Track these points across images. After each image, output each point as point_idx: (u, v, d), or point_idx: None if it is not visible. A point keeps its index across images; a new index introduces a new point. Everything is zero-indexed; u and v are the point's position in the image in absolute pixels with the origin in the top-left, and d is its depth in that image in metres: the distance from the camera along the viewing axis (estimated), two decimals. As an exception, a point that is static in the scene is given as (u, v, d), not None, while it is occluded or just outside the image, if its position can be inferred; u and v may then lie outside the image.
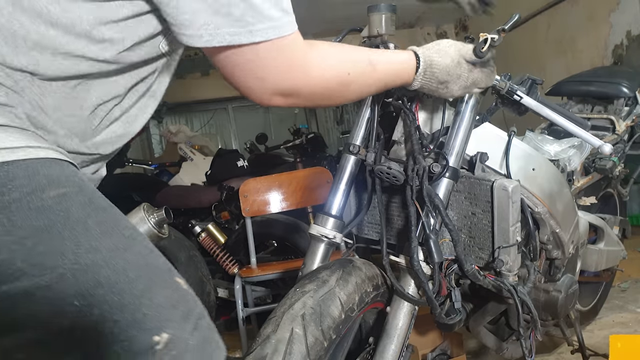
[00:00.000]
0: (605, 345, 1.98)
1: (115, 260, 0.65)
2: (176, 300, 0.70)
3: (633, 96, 2.18)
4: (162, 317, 0.67)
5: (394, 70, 1.02)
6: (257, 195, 2.62)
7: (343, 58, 0.91)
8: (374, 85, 1.00)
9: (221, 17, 0.72)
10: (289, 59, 0.80)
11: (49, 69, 0.71)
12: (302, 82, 0.84)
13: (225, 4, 0.71)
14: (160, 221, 2.13)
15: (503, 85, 1.15)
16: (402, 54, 1.04)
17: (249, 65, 0.77)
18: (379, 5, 1.23)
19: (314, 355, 0.94)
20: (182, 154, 4.27)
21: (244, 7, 0.72)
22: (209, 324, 0.75)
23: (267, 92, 0.81)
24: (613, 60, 4.35)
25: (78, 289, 0.62)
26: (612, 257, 2.02)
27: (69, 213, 0.65)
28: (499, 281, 1.19)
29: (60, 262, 0.62)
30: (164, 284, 0.70)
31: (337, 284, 1.06)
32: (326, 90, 0.88)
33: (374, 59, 0.97)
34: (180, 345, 0.68)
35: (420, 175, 1.12)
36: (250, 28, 0.73)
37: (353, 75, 0.91)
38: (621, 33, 4.24)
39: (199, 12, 0.71)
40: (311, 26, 6.71)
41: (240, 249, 2.88)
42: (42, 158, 0.67)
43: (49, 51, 0.70)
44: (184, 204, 3.07)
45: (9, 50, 0.68)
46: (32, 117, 0.71)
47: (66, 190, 0.66)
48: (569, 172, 1.65)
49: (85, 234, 0.65)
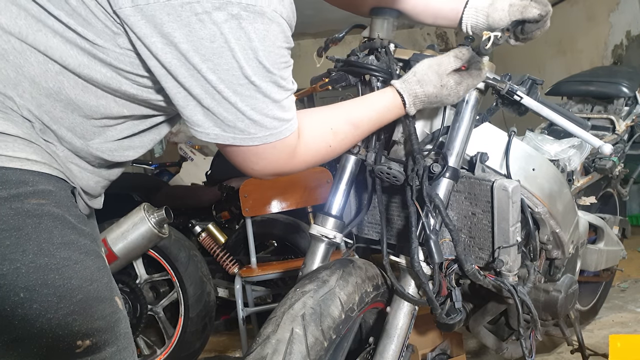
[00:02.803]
0: (604, 344, 1.99)
1: (65, 268, 0.75)
2: (108, 314, 0.80)
3: (633, 96, 2.18)
4: (89, 325, 0.76)
5: (379, 117, 1.06)
6: (257, 195, 2.62)
7: (324, 134, 1.00)
8: (362, 136, 1.08)
9: (228, 127, 0.85)
10: (280, 156, 0.92)
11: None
12: (289, 168, 0.96)
13: (232, 120, 0.84)
14: (161, 221, 2.14)
15: (503, 86, 1.15)
16: (385, 97, 1.06)
17: (246, 159, 0.91)
18: (384, 10, 1.23)
19: (314, 355, 0.95)
20: (182, 154, 4.27)
21: (249, 122, 0.84)
22: (129, 345, 0.84)
23: (260, 175, 0.96)
24: (613, 60, 4.35)
25: (27, 283, 0.71)
26: (612, 257, 2.03)
27: (41, 220, 0.74)
28: (499, 281, 1.19)
29: (20, 257, 0.72)
30: (101, 299, 0.79)
31: (337, 284, 1.06)
32: (311, 165, 1.01)
33: (354, 118, 1.03)
34: (97, 354, 0.78)
35: (420, 175, 1.12)
36: (252, 136, 0.86)
37: (335, 144, 1.01)
38: (621, 33, 4.24)
39: (207, 121, 0.84)
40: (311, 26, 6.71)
41: (240, 249, 2.89)
42: (35, 171, 0.76)
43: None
44: (184, 204, 3.07)
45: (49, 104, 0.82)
46: (45, 129, 0.82)
47: (45, 202, 0.76)
48: (569, 172, 1.65)
49: (48, 240, 0.74)
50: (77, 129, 0.84)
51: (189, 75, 0.79)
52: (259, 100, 0.83)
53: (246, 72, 0.81)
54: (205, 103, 0.82)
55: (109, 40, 0.79)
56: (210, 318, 2.46)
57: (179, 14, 0.75)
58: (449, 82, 1.04)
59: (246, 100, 0.83)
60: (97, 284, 0.79)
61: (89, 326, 0.76)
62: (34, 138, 0.79)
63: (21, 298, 0.71)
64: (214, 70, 0.79)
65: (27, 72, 0.77)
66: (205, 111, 0.83)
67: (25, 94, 0.78)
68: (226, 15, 0.77)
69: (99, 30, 0.78)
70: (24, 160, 0.75)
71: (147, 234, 2.08)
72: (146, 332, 2.52)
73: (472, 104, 1.18)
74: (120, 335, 0.81)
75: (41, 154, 0.78)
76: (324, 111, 1.03)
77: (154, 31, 0.76)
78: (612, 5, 4.28)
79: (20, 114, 0.78)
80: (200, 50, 0.78)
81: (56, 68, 0.79)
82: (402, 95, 1.05)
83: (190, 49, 0.77)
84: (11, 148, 0.74)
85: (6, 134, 0.75)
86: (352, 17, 1.34)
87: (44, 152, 0.79)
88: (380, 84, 1.21)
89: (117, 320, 0.81)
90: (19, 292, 0.71)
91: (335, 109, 1.04)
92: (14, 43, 0.76)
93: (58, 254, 0.74)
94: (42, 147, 0.80)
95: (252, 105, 0.83)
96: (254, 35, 0.79)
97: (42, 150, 0.79)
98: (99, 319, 0.78)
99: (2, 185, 0.72)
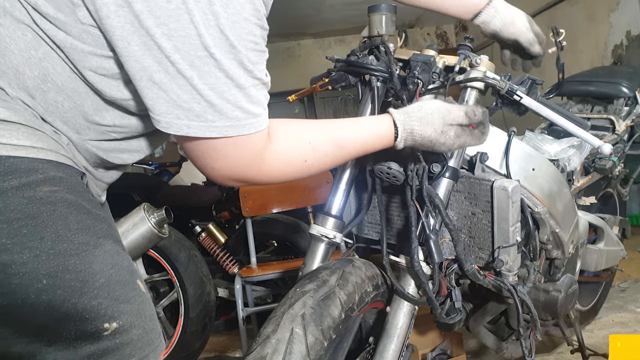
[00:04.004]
0: (604, 345, 1.99)
1: (84, 253, 0.74)
2: (131, 297, 0.79)
3: (633, 96, 2.18)
4: (115, 308, 0.76)
5: (366, 143, 0.98)
6: (257, 195, 2.62)
7: (300, 146, 0.90)
8: (346, 158, 0.99)
9: (182, 110, 0.74)
10: (243, 157, 0.81)
11: None
12: (254, 176, 0.86)
13: (186, 100, 0.74)
14: (161, 221, 2.14)
15: (503, 86, 1.15)
16: (377, 124, 0.99)
17: (205, 154, 0.81)
18: (380, 6, 1.23)
19: (314, 355, 0.95)
20: (182, 154, 4.27)
21: (205, 105, 0.74)
22: (155, 327, 0.84)
23: (221, 179, 0.85)
24: (613, 60, 4.35)
25: (49, 270, 0.71)
26: (612, 257, 2.03)
27: (55, 207, 0.73)
28: (498, 281, 1.19)
29: (39, 244, 0.71)
30: (124, 282, 0.78)
31: (337, 284, 1.06)
32: (281, 178, 0.90)
33: (339, 138, 0.94)
34: (124, 336, 0.77)
35: (420, 175, 1.12)
36: (209, 124, 0.76)
37: (312, 161, 0.91)
38: (621, 33, 4.25)
39: (159, 100, 0.74)
40: (311, 26, 6.72)
41: (241, 249, 2.89)
42: (42, 159, 0.75)
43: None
44: (184, 204, 3.07)
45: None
46: (46, 118, 0.79)
47: (57, 189, 0.74)
48: (568, 172, 1.65)
49: (65, 227, 0.73)
50: (70, 122, 0.81)
51: (141, 43, 0.70)
52: (219, 80, 0.73)
53: (205, 40, 0.71)
54: (157, 77, 0.72)
55: (69, 14, 0.73)
56: (210, 318, 2.46)
57: None
58: (449, 132, 0.99)
59: (204, 76, 0.72)
60: (118, 267, 0.78)
61: (114, 309, 0.76)
62: (38, 125, 0.77)
63: (44, 285, 0.71)
64: (168, 37, 0.70)
65: (10, 62, 0.74)
66: (156, 89, 0.73)
67: (13, 84, 0.75)
68: None
69: (59, 3, 0.72)
70: (29, 148, 0.73)
71: (147, 234, 2.08)
72: (146, 332, 2.52)
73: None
74: (146, 317, 0.81)
75: (47, 141, 0.77)
76: (305, 123, 0.94)
77: None
78: (612, 5, 4.28)
79: (17, 102, 0.76)
80: (155, 11, 0.69)
81: (39, 54, 0.75)
82: (396, 127, 0.98)
83: (144, 9, 0.68)
84: (15, 136, 0.73)
85: (8, 122, 0.73)
86: (351, 18, 1.34)
87: (49, 139, 0.77)
88: (380, 84, 1.21)
89: (142, 302, 0.81)
90: (41, 279, 0.70)
91: (319, 123, 0.95)
92: None
93: (76, 239, 0.74)
94: (47, 133, 0.78)
95: (211, 85, 0.73)
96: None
97: (47, 137, 0.77)
98: (124, 301, 0.77)
99: (12, 174, 0.71)
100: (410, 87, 1.15)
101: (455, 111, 1.01)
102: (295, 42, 7.37)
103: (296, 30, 6.81)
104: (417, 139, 0.99)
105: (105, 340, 0.76)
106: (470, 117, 1.01)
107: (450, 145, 1.01)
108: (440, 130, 0.99)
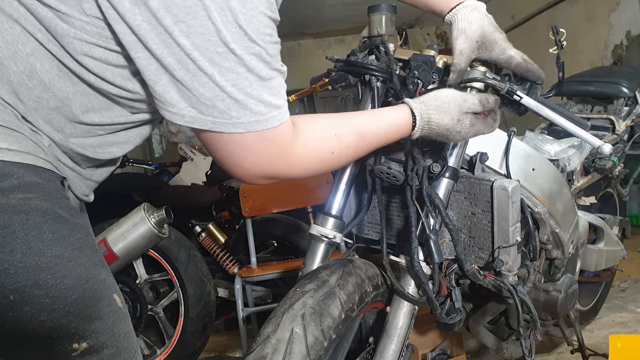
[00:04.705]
0: (604, 345, 1.99)
1: (57, 267, 0.69)
2: (105, 314, 0.74)
3: (633, 96, 2.19)
4: (85, 327, 0.72)
5: (386, 133, 0.98)
6: (257, 195, 2.62)
7: (327, 138, 0.90)
8: (366, 150, 0.98)
9: (205, 107, 0.73)
10: (271, 151, 0.80)
11: None
12: (285, 171, 0.85)
13: (210, 97, 0.73)
14: (161, 221, 2.14)
15: (503, 86, 1.15)
16: (395, 113, 0.98)
17: (232, 153, 0.79)
18: (380, 6, 1.23)
19: (314, 355, 0.95)
20: (182, 154, 4.27)
21: (230, 102, 0.73)
22: (130, 345, 0.79)
23: (252, 177, 0.84)
24: (613, 61, 4.35)
25: (16, 285, 0.66)
26: (612, 257, 2.03)
27: (28, 216, 0.69)
28: (498, 281, 1.19)
29: (8, 257, 0.66)
30: (97, 298, 0.74)
31: (337, 284, 1.06)
32: (311, 171, 0.90)
33: (361, 128, 0.94)
34: (94, 356, 0.73)
35: (420, 175, 1.12)
36: (234, 121, 0.75)
37: (338, 153, 0.91)
38: (621, 33, 4.25)
39: (182, 97, 0.73)
40: (311, 26, 6.72)
41: (240, 249, 2.89)
42: (19, 163, 0.70)
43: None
44: (184, 204, 3.07)
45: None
46: (28, 117, 0.75)
47: (32, 196, 0.70)
48: (568, 172, 1.65)
49: (37, 238, 0.69)
50: (54, 121, 0.78)
51: (159, 41, 0.69)
52: (241, 76, 0.73)
53: (224, 36, 0.70)
54: (179, 75, 0.71)
55: (73, 6, 0.71)
56: (210, 318, 2.47)
57: None
58: (464, 120, 1.00)
59: (226, 73, 0.72)
60: (93, 281, 0.73)
61: (85, 327, 0.72)
62: (17, 126, 0.72)
63: (11, 301, 0.66)
64: (187, 34, 0.69)
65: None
66: (179, 87, 0.72)
67: None
68: None
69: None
70: (5, 151, 0.69)
71: (147, 234, 2.08)
72: (146, 332, 2.52)
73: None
74: (119, 335, 0.76)
75: (25, 143, 0.72)
76: (329, 116, 0.94)
77: None
78: (612, 5, 4.28)
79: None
80: (172, 9, 0.68)
81: (27, 49, 0.72)
82: (414, 116, 0.97)
83: (161, 7, 0.68)
84: None
85: None
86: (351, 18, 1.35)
87: (28, 141, 0.73)
88: (380, 84, 1.21)
89: (116, 319, 0.76)
90: (8, 295, 0.66)
91: (342, 116, 0.96)
92: None
93: (49, 252, 0.69)
94: (26, 135, 0.73)
95: (233, 81, 0.72)
96: None
97: (27, 139, 0.73)
98: (96, 319, 0.73)
99: None
100: (410, 87, 1.15)
101: (470, 99, 1.01)
102: (295, 42, 7.37)
103: (296, 30, 6.81)
104: (433, 128, 0.99)
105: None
106: (484, 105, 1.02)
107: (465, 134, 1.01)
108: (457, 118, 0.99)
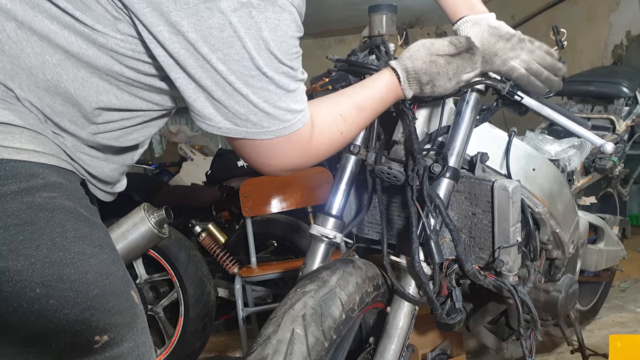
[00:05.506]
0: (605, 345, 1.99)
1: (80, 262, 0.73)
2: (124, 309, 0.78)
3: (633, 96, 2.19)
4: (106, 320, 0.75)
5: (381, 98, 1.05)
6: (257, 195, 2.62)
7: (335, 120, 0.98)
8: (368, 120, 1.06)
9: (240, 120, 0.83)
10: (296, 149, 0.91)
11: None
12: (306, 162, 0.96)
13: (244, 113, 0.82)
14: (161, 221, 2.14)
15: (503, 86, 1.15)
16: (382, 77, 1.05)
17: (261, 154, 0.90)
18: (380, 6, 1.23)
19: (314, 355, 0.95)
20: (182, 154, 4.27)
21: (262, 115, 0.83)
22: (147, 340, 0.83)
23: (277, 172, 0.95)
24: (613, 60, 4.35)
25: (43, 279, 0.70)
26: (612, 257, 2.03)
27: (53, 214, 0.73)
28: (499, 281, 1.19)
29: (35, 252, 0.70)
30: (117, 293, 0.78)
31: (338, 284, 1.06)
32: (325, 156, 1.00)
33: (359, 101, 1.02)
34: (115, 349, 0.76)
35: (420, 175, 1.12)
36: (265, 130, 0.85)
37: (345, 131, 1.00)
38: (621, 33, 4.25)
39: (219, 113, 0.83)
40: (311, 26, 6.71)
41: (241, 249, 2.89)
42: (44, 164, 0.75)
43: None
44: (184, 204, 3.07)
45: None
46: (49, 121, 0.80)
47: (56, 195, 0.74)
48: (569, 172, 1.65)
49: (62, 234, 0.73)
50: (79, 122, 0.82)
51: (198, 67, 0.77)
52: (271, 93, 0.82)
53: (257, 62, 0.78)
54: (216, 95, 0.80)
55: (108, 26, 0.76)
56: (210, 318, 2.47)
57: (187, 1, 0.73)
58: (438, 60, 1.03)
59: (258, 92, 0.81)
60: (113, 277, 0.77)
61: (106, 321, 0.75)
62: (41, 129, 0.77)
63: (37, 294, 0.69)
64: (224, 61, 0.77)
65: (24, 64, 0.75)
66: (216, 104, 0.81)
67: (24, 86, 0.76)
68: (235, 3, 0.74)
69: (98, 15, 0.75)
70: (32, 152, 0.73)
71: (147, 234, 2.08)
72: (146, 332, 2.52)
73: (472, 104, 1.18)
74: (138, 330, 0.80)
75: (49, 146, 0.77)
76: (331, 98, 1.02)
77: (160, 20, 0.73)
78: (612, 5, 4.28)
79: (23, 105, 0.76)
80: (209, 40, 0.75)
81: (54, 60, 0.76)
82: (396, 72, 1.04)
83: (199, 39, 0.75)
84: (18, 139, 0.72)
85: (12, 125, 0.73)
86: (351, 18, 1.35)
87: (51, 144, 0.78)
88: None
89: (135, 314, 0.80)
90: (35, 288, 0.69)
91: (340, 95, 1.03)
92: (9, 32, 0.73)
93: (72, 248, 0.73)
94: (49, 138, 0.78)
95: (265, 98, 0.82)
96: (264, 24, 0.77)
97: (50, 142, 0.77)
98: (116, 313, 0.77)
99: (12, 179, 0.70)
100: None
101: (438, 42, 1.05)
102: (295, 42, 7.37)
103: (296, 30, 6.80)
104: (414, 76, 1.03)
105: (95, 353, 0.74)
106: (455, 45, 1.05)
107: (445, 73, 1.03)
108: (429, 60, 1.02)
